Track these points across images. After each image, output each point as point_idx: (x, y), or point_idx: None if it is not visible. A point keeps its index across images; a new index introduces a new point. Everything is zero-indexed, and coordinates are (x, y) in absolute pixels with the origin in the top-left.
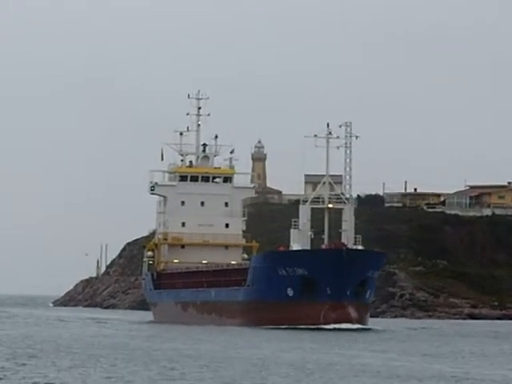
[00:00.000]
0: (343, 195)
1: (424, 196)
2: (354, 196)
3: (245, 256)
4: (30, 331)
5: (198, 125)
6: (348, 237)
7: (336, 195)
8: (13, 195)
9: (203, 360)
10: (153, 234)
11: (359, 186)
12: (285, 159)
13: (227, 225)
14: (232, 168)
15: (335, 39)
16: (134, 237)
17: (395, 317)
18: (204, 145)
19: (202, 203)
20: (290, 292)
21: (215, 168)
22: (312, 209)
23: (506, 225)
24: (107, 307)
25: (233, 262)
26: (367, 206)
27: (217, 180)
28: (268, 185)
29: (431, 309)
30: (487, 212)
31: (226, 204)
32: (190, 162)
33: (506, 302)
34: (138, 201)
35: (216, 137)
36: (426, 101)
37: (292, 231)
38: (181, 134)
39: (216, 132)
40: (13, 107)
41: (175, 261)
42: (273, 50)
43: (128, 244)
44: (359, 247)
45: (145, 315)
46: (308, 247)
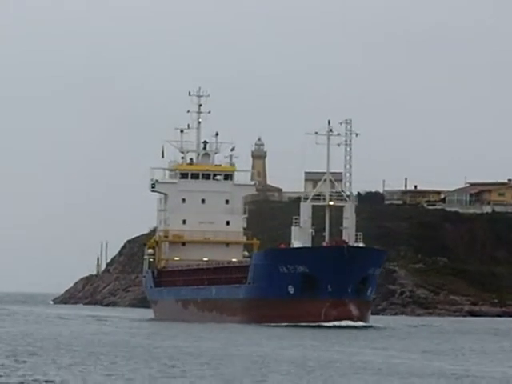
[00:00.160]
0: (344, 192)
1: (424, 193)
2: (354, 193)
3: (245, 253)
4: (30, 329)
5: (199, 122)
6: (349, 234)
7: (337, 192)
8: (13, 195)
9: (204, 357)
10: (153, 232)
11: (359, 184)
12: (285, 157)
13: (228, 222)
14: (232, 165)
15: (335, 39)
16: (134, 234)
17: (395, 314)
18: (205, 142)
19: (203, 200)
20: (291, 289)
21: (216, 165)
22: (312, 206)
23: (506, 222)
24: (107, 305)
25: (234, 260)
26: (367, 204)
27: (217, 177)
28: (268, 182)
29: (431, 306)
30: (487, 209)
31: (227, 201)
32: (191, 160)
33: (506, 299)
34: (138, 198)
35: (217, 134)
36: (426, 101)
37: (293, 228)
38: (181, 132)
39: (216, 130)
40: (13, 107)
41: (176, 258)
42: (273, 50)
43: (128, 241)
44: (360, 244)
45: (145, 313)
46: (309, 244)
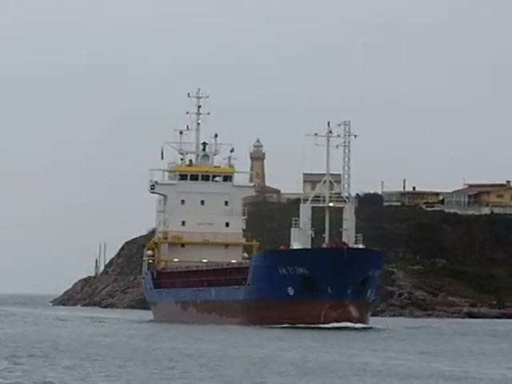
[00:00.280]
0: (344, 194)
1: (423, 195)
2: (353, 195)
3: (245, 255)
4: (29, 330)
5: (198, 123)
6: (349, 236)
7: (336, 194)
8: (13, 195)
9: (203, 359)
10: (152, 233)
11: (358, 185)
12: (283, 158)
13: (227, 224)
14: (231, 167)
15: (335, 39)
16: (133, 236)
17: (394, 316)
18: (204, 143)
19: (202, 202)
20: (291, 291)
21: (215, 167)
22: (312, 208)
23: (505, 223)
24: (106, 306)
25: (233, 261)
26: (366, 205)
27: (217, 179)
28: (266, 184)
29: (430, 308)
30: (486, 211)
31: (226, 203)
32: (190, 161)
33: (505, 301)
34: (137, 200)
35: (216, 135)
36: (426, 101)
37: (292, 230)
38: (181, 133)
39: (215, 131)
40: (13, 107)
41: (175, 260)
42: (273, 50)
43: (127, 243)
44: (360, 246)
45: (144, 314)
46: (309, 246)
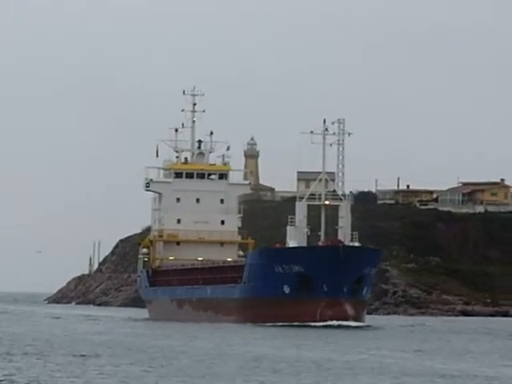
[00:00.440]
0: (340, 192)
1: (416, 193)
2: (347, 193)
3: (240, 253)
4: (23, 328)
5: (193, 121)
6: (344, 234)
7: (332, 192)
8: (13, 195)
9: (198, 357)
10: (146, 231)
11: (352, 183)
12: (277, 156)
13: (223, 222)
14: (225, 165)
15: (335, 39)
16: (127, 234)
17: (388, 314)
18: (199, 141)
19: (198, 200)
20: (287, 289)
21: (210, 165)
22: (307, 206)
23: (499, 222)
24: (99, 304)
25: (228, 259)
26: (360, 203)
27: (212, 177)
28: (260, 182)
29: (424, 306)
30: (480, 209)
31: (222, 201)
32: (185, 159)
33: (499, 299)
34: (131, 198)
35: (211, 133)
36: (426, 101)
37: (288, 228)
38: (176, 131)
39: (211, 129)
40: (13, 107)
41: (170, 258)
42: (273, 50)
43: (121, 241)
44: (356, 244)
45: (138, 312)
46: (304, 244)
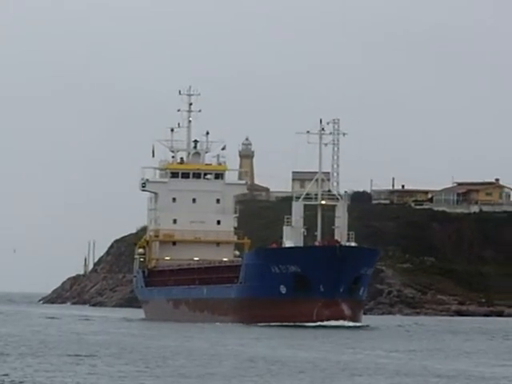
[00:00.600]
0: (337, 191)
1: (411, 193)
2: (342, 193)
3: (236, 253)
4: (18, 328)
5: (189, 121)
6: (341, 233)
7: (328, 192)
8: (13, 195)
9: (193, 357)
10: (141, 231)
11: (347, 183)
12: (272, 156)
13: (219, 221)
14: (220, 164)
15: (335, 39)
16: (122, 234)
17: (382, 314)
18: (195, 141)
19: (194, 200)
20: (283, 289)
21: (206, 164)
22: (303, 205)
23: (494, 221)
24: (94, 305)
25: (225, 259)
26: (355, 203)
27: (208, 176)
28: (255, 182)
29: (419, 306)
30: (475, 209)
31: (218, 201)
32: (181, 159)
33: (494, 299)
34: (125, 198)
35: (207, 133)
36: (424, 101)
37: (285, 228)
38: (172, 131)
39: (207, 128)
40: (13, 107)
41: (166, 258)
42: (272, 50)
43: (116, 241)
44: (352, 244)
45: (133, 312)
46: (301, 244)
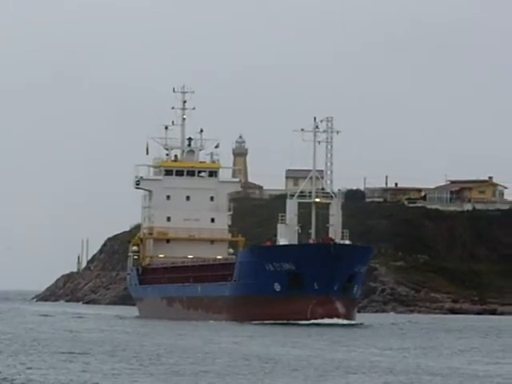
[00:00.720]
0: (331, 189)
1: (405, 191)
2: (335, 191)
3: (230, 251)
4: (11, 326)
5: (183, 119)
6: (335, 231)
7: (322, 189)
8: (13, 195)
9: (187, 355)
10: (134, 229)
11: (340, 181)
12: (266, 154)
13: (213, 219)
14: (214, 162)
15: (335, 39)
16: (115, 232)
17: (376, 312)
18: (189, 139)
19: (188, 197)
20: (277, 287)
21: (200, 162)
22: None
23: (487, 219)
24: (88, 302)
25: (219, 257)
26: (348, 201)
27: (202, 174)
28: (249, 180)
29: (412, 303)
30: (468, 207)
31: (212, 198)
32: (175, 156)
33: (487, 297)
34: (118, 196)
35: (201, 131)
36: (426, 101)
37: (279, 226)
38: (166, 128)
39: (201, 126)
40: (13, 107)
41: (160, 256)
42: (272, 50)
43: (109, 239)
44: (346, 242)
45: (126, 310)
46: (295, 242)
